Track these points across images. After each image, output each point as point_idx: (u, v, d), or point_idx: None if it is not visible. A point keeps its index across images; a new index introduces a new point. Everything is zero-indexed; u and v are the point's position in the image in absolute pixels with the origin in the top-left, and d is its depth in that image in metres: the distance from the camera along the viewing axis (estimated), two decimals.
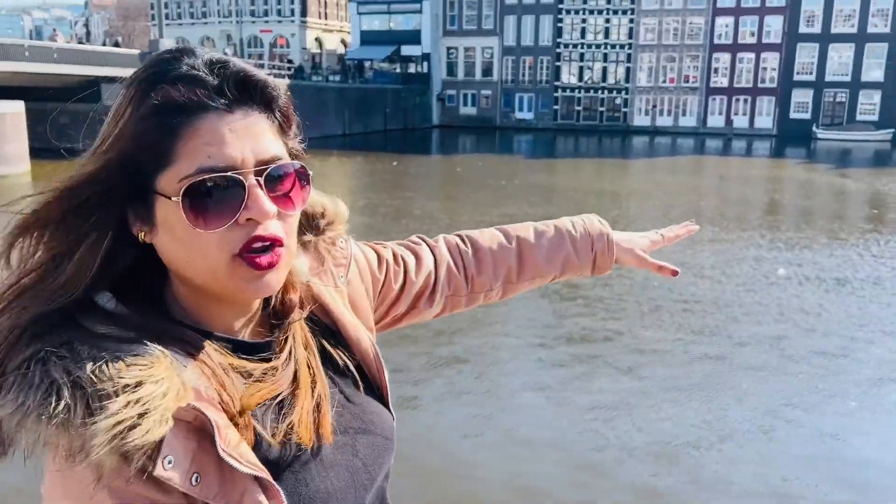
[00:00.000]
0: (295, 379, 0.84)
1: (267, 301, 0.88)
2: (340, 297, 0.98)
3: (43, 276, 0.74)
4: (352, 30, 58.54)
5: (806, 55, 49.98)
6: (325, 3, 64.72)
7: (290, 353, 0.86)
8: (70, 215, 0.74)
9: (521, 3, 53.93)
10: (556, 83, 54.32)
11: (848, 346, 9.34)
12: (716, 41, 51.14)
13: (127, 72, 0.70)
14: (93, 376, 0.67)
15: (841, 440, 6.83)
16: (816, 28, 49.34)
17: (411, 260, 1.16)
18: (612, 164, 35.10)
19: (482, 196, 21.99)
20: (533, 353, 8.89)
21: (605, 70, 53.78)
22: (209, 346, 0.79)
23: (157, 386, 0.68)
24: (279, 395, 0.82)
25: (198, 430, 0.71)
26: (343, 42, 65.19)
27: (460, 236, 1.24)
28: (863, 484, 6.11)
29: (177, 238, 0.75)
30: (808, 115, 50.35)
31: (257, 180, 0.75)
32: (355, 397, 0.91)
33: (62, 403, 0.65)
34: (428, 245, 1.21)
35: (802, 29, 49.53)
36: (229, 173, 0.74)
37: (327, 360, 0.91)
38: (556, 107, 54.66)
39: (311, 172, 0.83)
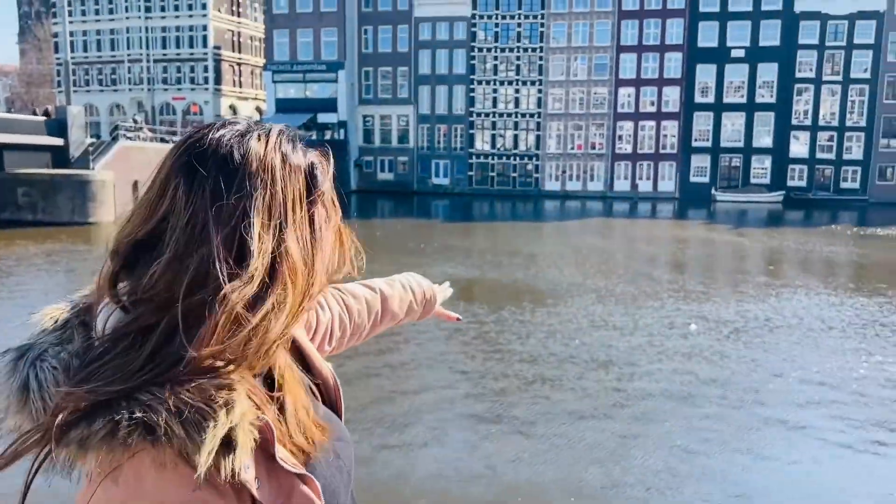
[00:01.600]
0: (281, 390, 0.92)
1: None
2: (306, 331, 1.16)
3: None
4: (267, 97, 58.80)
5: (702, 123, 53.37)
6: (240, 70, 65.04)
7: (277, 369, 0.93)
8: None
9: (434, 74, 55.70)
10: (471, 150, 55.94)
11: (748, 390, 9.91)
12: (619, 110, 54.01)
13: (32, 139, 0.69)
14: (189, 399, 0.75)
15: (738, 476, 7.23)
16: (710, 98, 52.91)
17: (316, 305, 1.34)
18: (526, 226, 36.16)
19: (402, 258, 22.22)
20: (449, 404, 9.03)
21: (516, 137, 55.81)
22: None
23: (244, 405, 0.78)
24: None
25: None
26: (258, 109, 65.36)
27: (337, 288, 1.47)
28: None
29: None
30: (706, 179, 53.42)
31: None
32: (321, 410, 1.01)
33: (161, 425, 0.72)
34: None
35: (698, 99, 53.02)
36: None
37: None
38: (470, 172, 56.15)
39: None
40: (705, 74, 52.67)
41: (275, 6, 56.59)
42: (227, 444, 0.75)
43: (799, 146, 52.35)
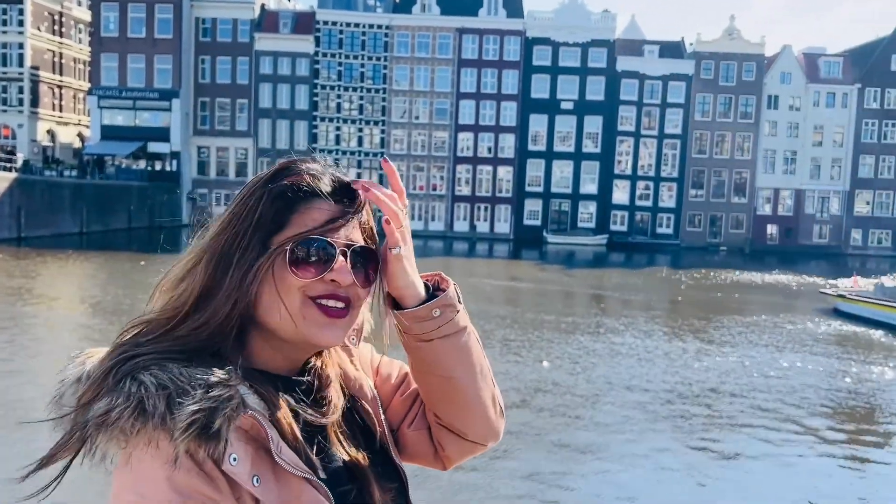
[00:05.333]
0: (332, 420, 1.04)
1: (306, 364, 1.07)
2: (347, 354, 1.15)
3: (183, 316, 0.95)
4: (91, 123, 54.98)
5: (534, 169, 56.27)
6: (61, 94, 60.43)
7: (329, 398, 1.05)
8: (217, 269, 0.96)
9: (275, 108, 54.80)
10: None
11: (601, 410, 10.39)
12: (458, 154, 55.80)
13: None
14: (177, 379, 0.85)
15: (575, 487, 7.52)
16: (542, 146, 56.01)
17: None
18: None
19: None
20: None
21: (359, 175, 55.39)
22: (268, 380, 0.98)
23: (228, 391, 0.86)
24: (321, 428, 1.02)
25: (254, 440, 0.87)
26: (80, 136, 60.95)
27: None
28: None
29: (272, 283, 0.95)
30: (539, 222, 56.21)
31: (346, 252, 0.98)
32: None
33: (149, 401, 0.82)
34: None
35: (531, 147, 55.93)
36: (328, 238, 0.97)
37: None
38: None
39: (380, 261, 1.04)
40: (538, 124, 55.74)
41: (103, 28, 53.45)
42: (207, 428, 0.81)
43: (620, 193, 56.51)
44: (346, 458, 1.02)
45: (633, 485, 8.18)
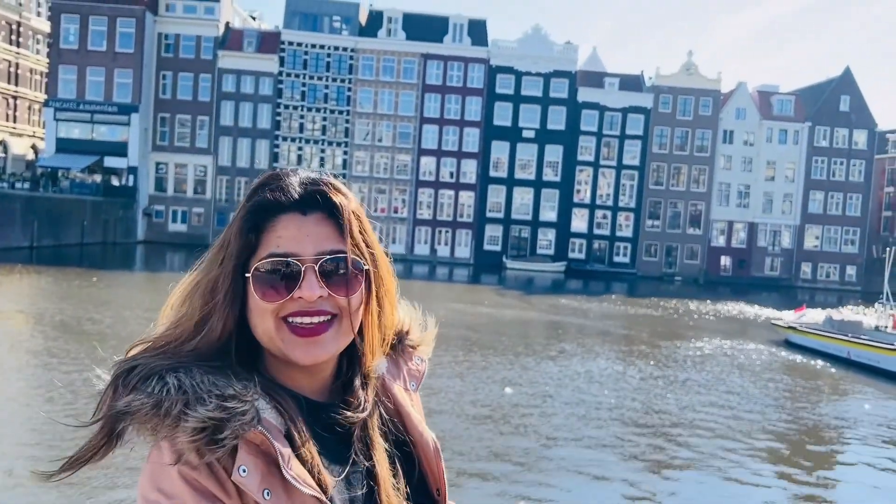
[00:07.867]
0: (370, 458, 1.01)
1: (340, 375, 1.05)
2: (409, 397, 1.15)
3: (186, 336, 0.96)
4: (47, 136, 53.78)
5: (495, 195, 56.72)
6: (16, 104, 59.12)
7: (365, 433, 1.03)
8: (206, 293, 0.97)
9: (237, 126, 54.38)
10: None
11: (547, 437, 10.41)
12: (421, 178, 55.96)
13: None
14: (197, 386, 0.87)
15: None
16: (503, 173, 56.53)
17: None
18: None
19: None
20: None
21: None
22: (288, 397, 0.97)
23: (243, 405, 0.87)
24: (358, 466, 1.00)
25: (265, 454, 0.88)
26: (34, 148, 59.59)
27: None
28: None
29: (251, 308, 0.97)
30: (498, 248, 56.54)
31: (312, 267, 0.95)
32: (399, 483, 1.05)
33: (167, 403, 0.85)
34: None
35: (492, 173, 56.42)
36: (290, 259, 0.95)
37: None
38: None
39: (365, 266, 1.00)
40: (499, 150, 56.29)
41: (62, 40, 52.55)
42: (214, 436, 0.84)
43: (579, 221, 57.24)
44: (368, 464, 1.01)
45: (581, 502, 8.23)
